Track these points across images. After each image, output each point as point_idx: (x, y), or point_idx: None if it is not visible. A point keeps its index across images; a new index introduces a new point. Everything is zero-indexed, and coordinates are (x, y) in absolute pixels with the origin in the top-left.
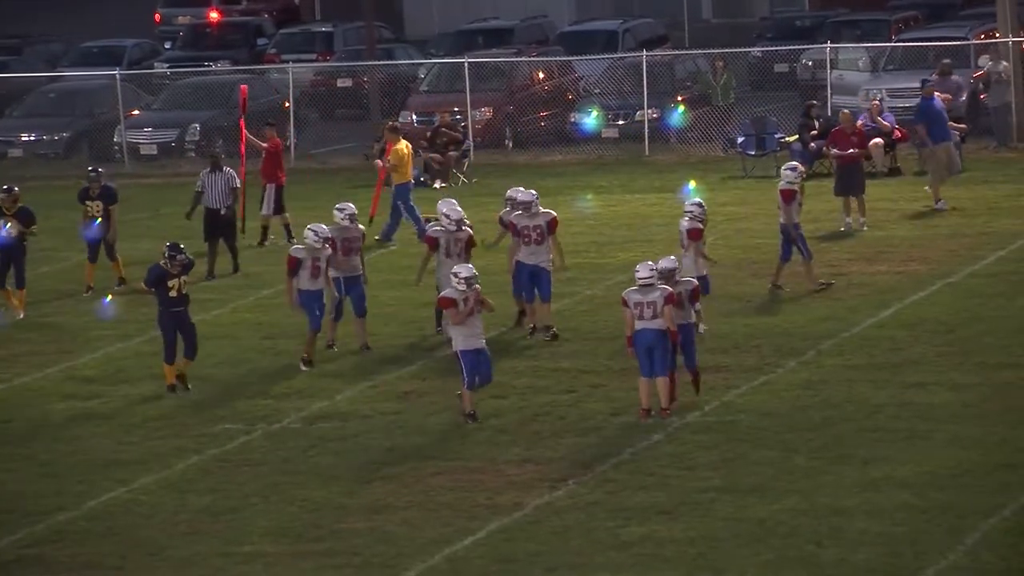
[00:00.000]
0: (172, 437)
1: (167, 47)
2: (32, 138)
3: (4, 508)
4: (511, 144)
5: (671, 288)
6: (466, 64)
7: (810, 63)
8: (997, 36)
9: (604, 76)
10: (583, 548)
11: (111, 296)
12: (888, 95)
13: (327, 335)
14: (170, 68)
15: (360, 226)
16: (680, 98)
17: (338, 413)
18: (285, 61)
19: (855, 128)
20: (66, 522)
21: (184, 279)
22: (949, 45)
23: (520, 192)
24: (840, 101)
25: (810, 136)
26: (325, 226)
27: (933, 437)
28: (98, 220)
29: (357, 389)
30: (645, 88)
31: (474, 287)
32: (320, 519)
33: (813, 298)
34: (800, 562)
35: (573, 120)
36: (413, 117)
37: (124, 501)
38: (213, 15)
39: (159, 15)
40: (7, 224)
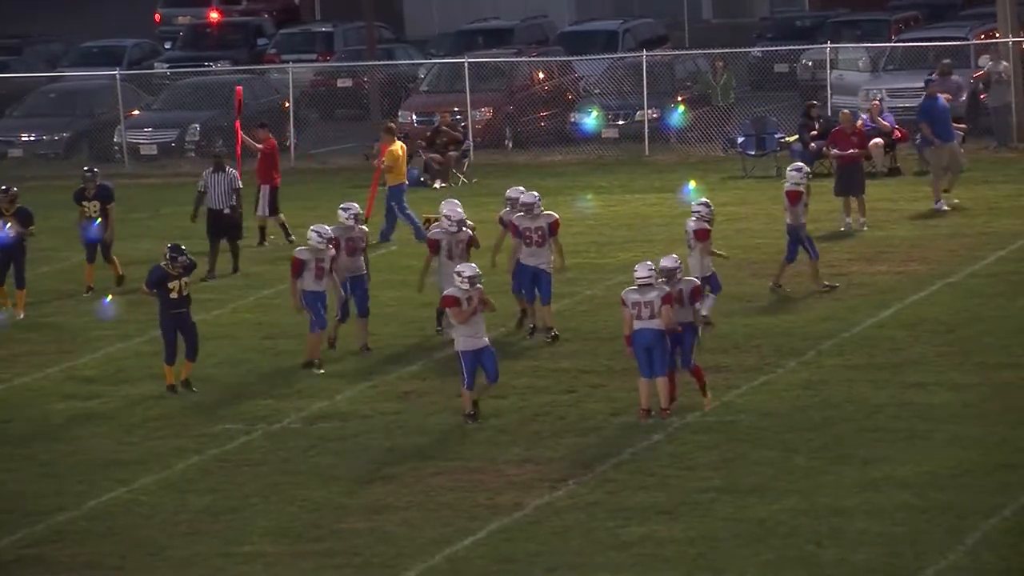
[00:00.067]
0: (172, 437)
1: (167, 47)
2: (32, 138)
3: (4, 508)
4: (511, 144)
5: (672, 287)
6: (466, 64)
7: (810, 63)
8: (997, 36)
9: (604, 76)
10: (583, 548)
11: (111, 296)
12: (888, 95)
13: (329, 334)
14: (170, 68)
15: (364, 226)
16: (680, 98)
17: (338, 413)
18: (285, 61)
19: (855, 128)
20: (66, 522)
21: (185, 280)
22: (949, 45)
23: (520, 192)
24: (840, 101)
25: (810, 136)
26: (328, 227)
27: (933, 437)
28: (97, 220)
29: (357, 389)
30: (645, 88)
31: (477, 286)
32: (320, 519)
33: (813, 298)
34: (800, 562)
35: (573, 120)
36: (413, 117)
37: (124, 501)
38: (213, 15)
39: (159, 15)
40: (7, 224)
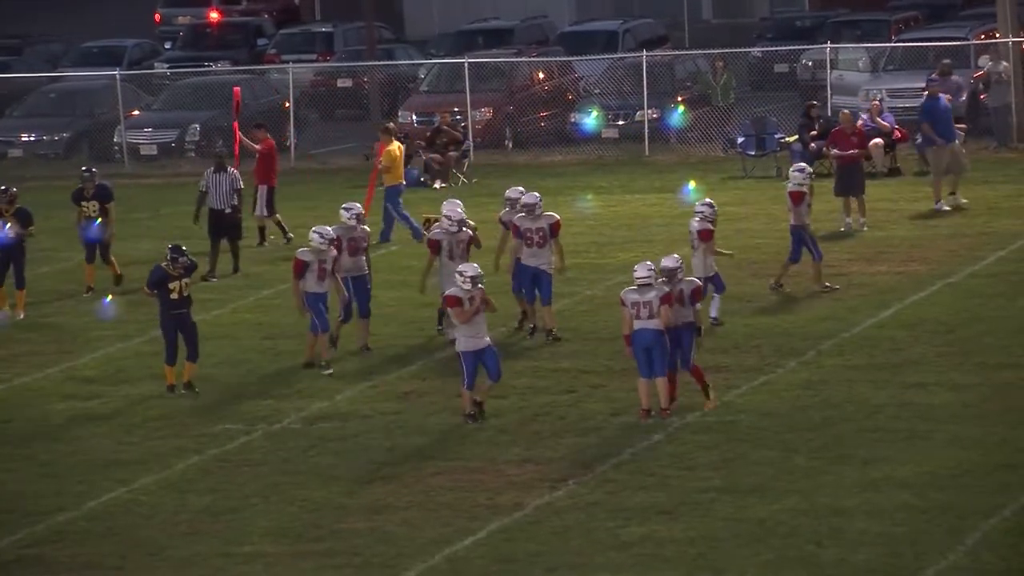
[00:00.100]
0: (172, 437)
1: (167, 47)
2: (32, 138)
3: (4, 508)
4: (511, 144)
5: (673, 287)
6: (466, 64)
7: (810, 63)
8: (997, 36)
9: (604, 76)
10: (583, 548)
11: (111, 296)
12: (888, 95)
13: (332, 333)
14: (170, 68)
15: (366, 226)
16: (680, 98)
17: (338, 413)
18: (285, 61)
19: (855, 128)
20: (66, 522)
21: (186, 281)
22: (949, 45)
23: (519, 192)
24: (840, 101)
25: (810, 136)
26: (329, 228)
27: (933, 437)
28: (97, 221)
29: (357, 389)
30: (645, 88)
31: (479, 286)
32: (320, 519)
33: (813, 298)
34: (800, 562)
35: (573, 120)
36: (413, 117)
37: (124, 501)
38: (213, 15)
39: (159, 15)
40: (7, 224)
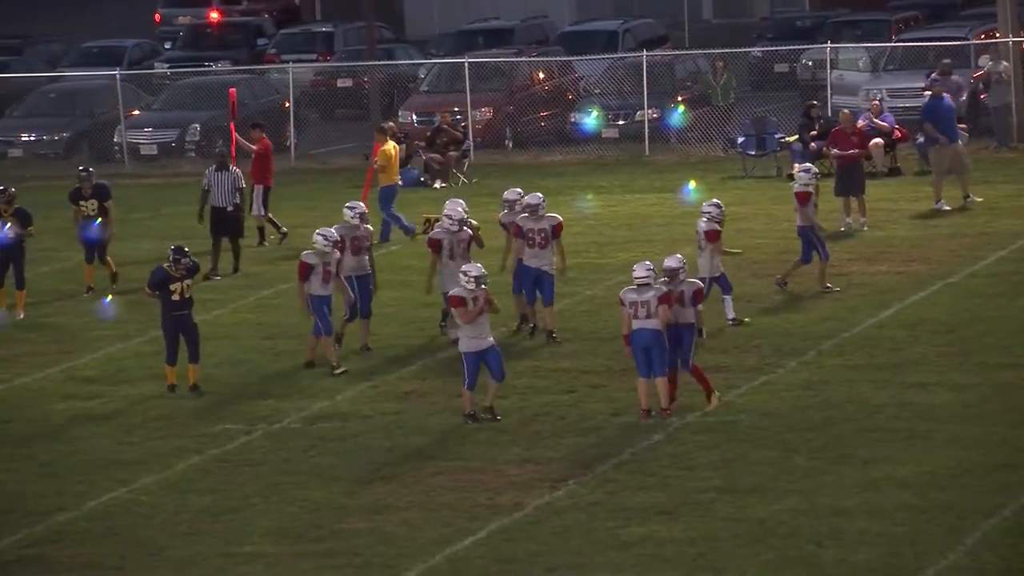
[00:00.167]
0: (172, 437)
1: (167, 47)
2: (32, 138)
3: (4, 508)
4: (511, 144)
5: (674, 287)
6: (466, 64)
7: (810, 63)
8: (997, 36)
9: (604, 76)
10: (583, 548)
11: (111, 296)
12: (888, 95)
13: (336, 332)
14: (170, 68)
15: (369, 226)
16: (680, 98)
17: (338, 413)
18: (285, 61)
19: (855, 128)
20: (66, 522)
21: (188, 283)
22: (949, 45)
23: (517, 194)
24: (840, 101)
25: (810, 136)
26: (333, 229)
27: (933, 437)
28: (97, 220)
29: (357, 389)
30: (645, 88)
31: (482, 287)
32: (320, 519)
33: (814, 298)
34: (800, 562)
35: (573, 120)
36: (413, 117)
37: (124, 501)
38: (213, 15)
39: (159, 15)
40: (7, 225)
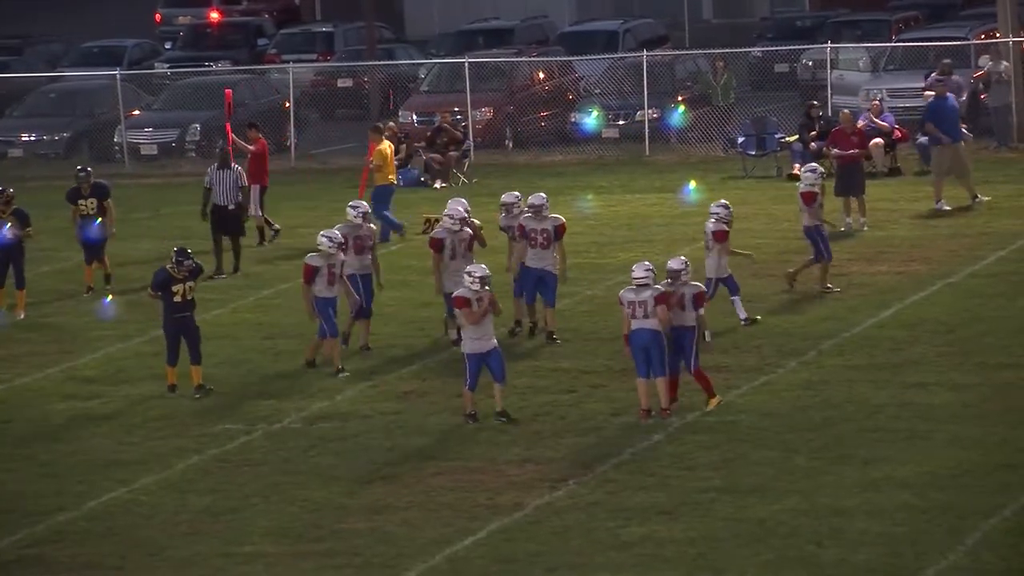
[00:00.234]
0: (172, 437)
1: (167, 47)
2: (32, 138)
3: (4, 508)
4: (511, 144)
5: (676, 289)
6: (466, 64)
7: (810, 63)
8: (997, 36)
9: (604, 76)
10: (583, 548)
11: (111, 296)
12: (888, 95)
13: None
14: (170, 68)
15: (372, 225)
16: (680, 98)
17: (338, 413)
18: (285, 61)
19: (855, 128)
20: (66, 522)
21: (190, 285)
22: (949, 45)
23: (515, 197)
24: (840, 101)
25: (810, 136)
26: (337, 231)
27: (933, 437)
28: (98, 220)
29: (357, 389)
30: (645, 88)
31: (486, 288)
32: (320, 519)
33: (814, 298)
34: (800, 562)
35: (573, 120)
36: (413, 117)
37: (124, 501)
38: (213, 15)
39: (159, 15)
40: (8, 225)
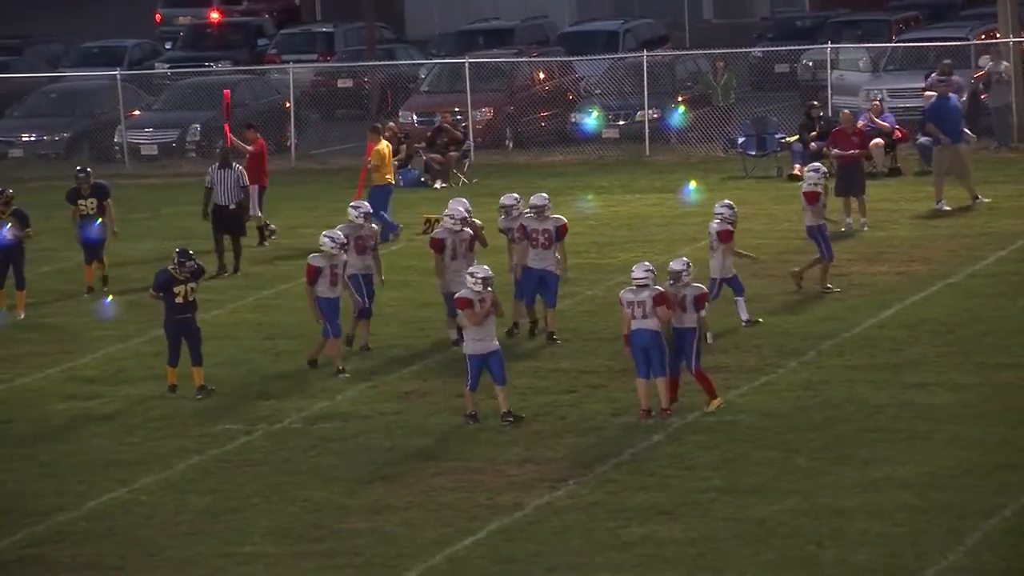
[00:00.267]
0: (173, 437)
1: (168, 47)
2: (33, 138)
3: (4, 508)
4: (511, 144)
5: (677, 290)
6: (467, 64)
7: (811, 63)
8: (998, 36)
9: (605, 76)
10: (583, 548)
11: (111, 296)
12: (889, 95)
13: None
14: (171, 68)
15: (374, 225)
16: (681, 98)
17: (339, 413)
18: (286, 61)
19: (856, 128)
20: (66, 522)
21: (192, 286)
22: (950, 45)
23: (513, 199)
24: (841, 101)
25: (810, 136)
26: (339, 231)
27: (933, 437)
28: (98, 221)
29: (358, 389)
30: (646, 88)
31: (489, 289)
32: (321, 519)
33: (814, 298)
34: (800, 562)
35: (574, 120)
36: (414, 117)
37: (124, 501)
38: (214, 15)
39: (160, 15)
40: (8, 225)
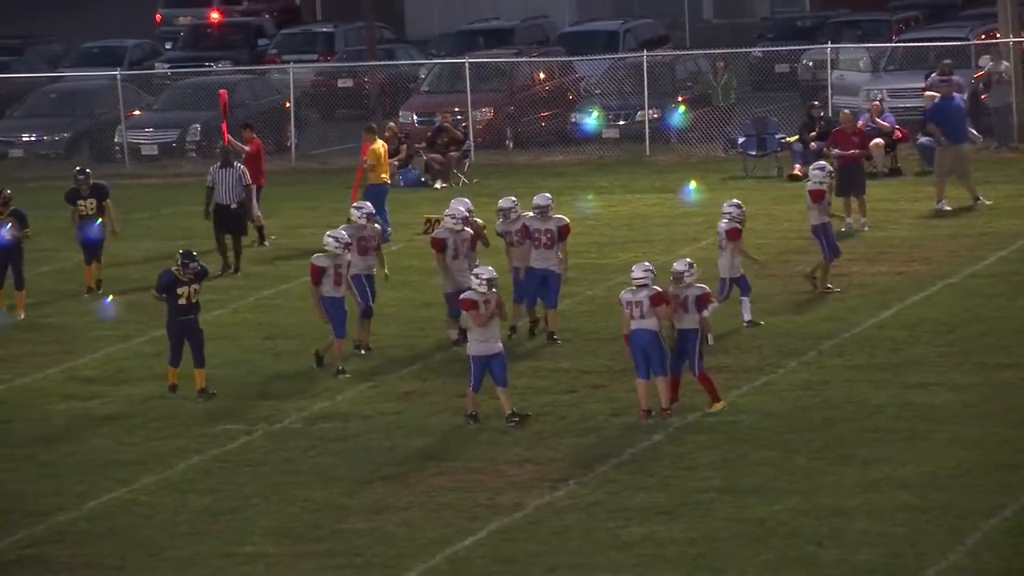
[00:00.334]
0: (173, 437)
1: (168, 47)
2: (33, 138)
3: (4, 508)
4: (512, 144)
5: (680, 291)
6: (467, 64)
7: (811, 63)
8: (998, 36)
9: (605, 76)
10: (583, 548)
11: (112, 296)
12: (889, 95)
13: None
14: (171, 68)
15: (377, 225)
16: (681, 98)
17: (339, 413)
18: (286, 61)
19: (856, 128)
20: (66, 522)
21: (195, 288)
22: (950, 45)
23: (511, 202)
24: (841, 101)
25: (810, 136)
26: (343, 231)
27: (934, 437)
28: (98, 221)
29: (358, 389)
30: (646, 88)
31: (493, 290)
32: (321, 519)
33: (814, 298)
34: (801, 562)
35: (574, 120)
36: (414, 117)
37: (124, 501)
38: (214, 15)
39: (160, 15)
40: (8, 225)
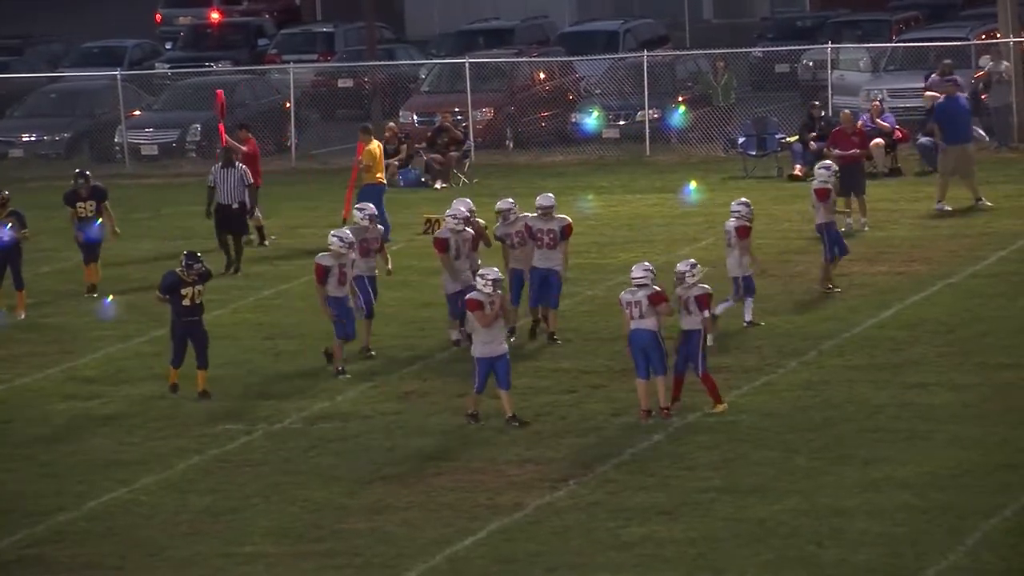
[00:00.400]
0: (173, 437)
1: (168, 47)
2: (33, 138)
3: (4, 508)
4: (512, 144)
5: (682, 292)
6: (467, 64)
7: (811, 63)
8: (998, 36)
9: (605, 76)
10: (583, 548)
11: (112, 296)
12: (889, 95)
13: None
14: (171, 68)
15: (380, 227)
16: (681, 98)
17: (339, 413)
18: (286, 61)
19: (856, 128)
20: (66, 522)
21: (199, 289)
22: (950, 45)
23: (509, 204)
24: (841, 101)
25: (810, 136)
26: (348, 231)
27: (934, 437)
28: (98, 221)
29: (358, 389)
30: (646, 88)
31: (498, 291)
32: (321, 519)
33: (814, 298)
34: (801, 562)
35: (574, 120)
36: (414, 117)
37: (125, 501)
38: (214, 15)
39: (160, 15)
40: (8, 225)
